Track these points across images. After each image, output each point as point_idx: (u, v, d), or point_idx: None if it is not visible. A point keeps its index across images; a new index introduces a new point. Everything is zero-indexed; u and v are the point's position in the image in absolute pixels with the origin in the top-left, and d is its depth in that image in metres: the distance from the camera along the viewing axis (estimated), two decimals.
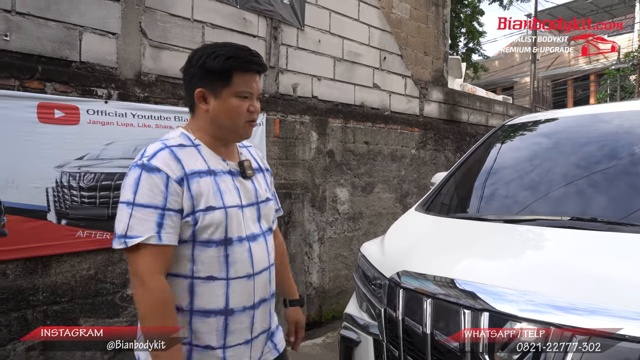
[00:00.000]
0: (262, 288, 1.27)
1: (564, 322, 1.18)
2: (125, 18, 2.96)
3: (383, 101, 4.96)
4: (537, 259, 1.57)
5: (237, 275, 1.20)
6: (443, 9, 5.89)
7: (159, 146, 1.18)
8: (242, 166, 1.28)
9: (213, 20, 3.43)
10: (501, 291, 1.34)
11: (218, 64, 1.18)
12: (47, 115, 2.54)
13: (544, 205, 1.90)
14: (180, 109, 3.12)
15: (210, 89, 1.21)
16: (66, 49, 2.71)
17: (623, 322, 1.12)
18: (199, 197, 1.16)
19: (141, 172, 1.13)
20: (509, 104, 7.56)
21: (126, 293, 2.88)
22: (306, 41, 4.12)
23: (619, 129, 2.23)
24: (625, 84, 16.67)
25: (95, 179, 2.74)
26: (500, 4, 17.56)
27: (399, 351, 1.54)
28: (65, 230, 2.62)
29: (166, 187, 1.12)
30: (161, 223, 1.11)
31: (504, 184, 2.20)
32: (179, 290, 1.17)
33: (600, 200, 1.80)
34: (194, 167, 1.18)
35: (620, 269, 1.35)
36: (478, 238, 1.79)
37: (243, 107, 1.22)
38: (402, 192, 5.00)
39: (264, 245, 1.29)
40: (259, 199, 1.30)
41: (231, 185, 1.23)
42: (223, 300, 1.18)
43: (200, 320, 1.18)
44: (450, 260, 1.63)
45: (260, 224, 1.30)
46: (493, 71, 22.29)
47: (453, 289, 1.44)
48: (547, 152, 2.27)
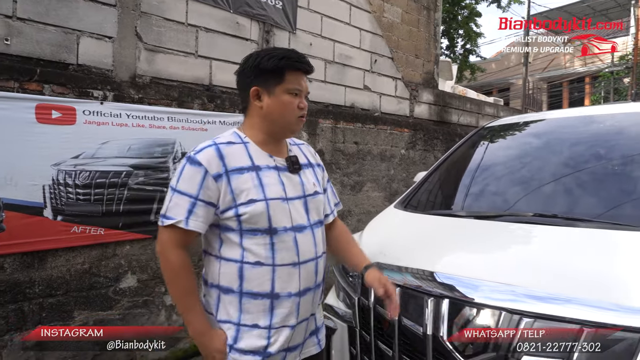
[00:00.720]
0: (308, 277, 1.35)
1: (523, 308, 1.28)
2: (122, 22, 3.07)
3: (373, 102, 5.08)
4: (500, 251, 1.69)
5: (282, 263, 1.30)
6: (434, 12, 6.02)
7: (208, 143, 1.32)
8: (290, 161, 1.39)
9: (207, 25, 3.55)
10: (464, 280, 1.46)
11: (272, 63, 1.31)
12: (45, 116, 2.66)
13: (511, 202, 2.03)
14: (173, 109, 3.24)
15: (264, 86, 1.33)
16: (64, 52, 2.82)
17: (560, 307, 1.24)
18: (240, 191, 1.27)
19: (186, 163, 1.28)
20: (499, 106, 7.69)
21: (119, 287, 2.99)
22: (298, 44, 4.24)
23: (589, 133, 2.35)
24: (619, 86, 16.83)
25: (91, 176, 2.85)
26: (498, 6, 17.72)
27: (370, 336, 1.65)
28: (60, 226, 2.73)
29: (202, 180, 1.25)
30: (191, 210, 1.25)
31: (477, 183, 2.32)
32: (230, 273, 1.31)
33: (562, 198, 1.93)
34: (237, 163, 1.29)
35: (573, 262, 1.47)
36: (448, 233, 1.91)
37: (294, 103, 1.34)
38: (391, 190, 5.12)
39: (310, 237, 1.36)
40: (306, 193, 1.39)
41: (275, 179, 1.33)
42: (269, 284, 1.30)
43: (249, 302, 1.30)
44: (421, 253, 1.75)
45: (309, 216, 1.38)
46: (490, 72, 22.45)
47: (424, 280, 1.56)
48: (519, 154, 2.39)
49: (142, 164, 3.06)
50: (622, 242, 1.49)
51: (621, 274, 1.34)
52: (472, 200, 2.19)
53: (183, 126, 3.27)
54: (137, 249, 3.07)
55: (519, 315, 1.28)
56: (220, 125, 3.49)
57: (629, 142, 2.18)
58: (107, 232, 2.90)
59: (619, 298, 1.22)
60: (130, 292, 3.04)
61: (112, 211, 2.92)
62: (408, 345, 1.52)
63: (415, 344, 1.49)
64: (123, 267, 3.00)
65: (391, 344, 1.57)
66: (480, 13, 16.66)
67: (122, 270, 3.00)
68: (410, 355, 1.51)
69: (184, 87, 3.40)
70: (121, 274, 2.99)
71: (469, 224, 1.91)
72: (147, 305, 3.13)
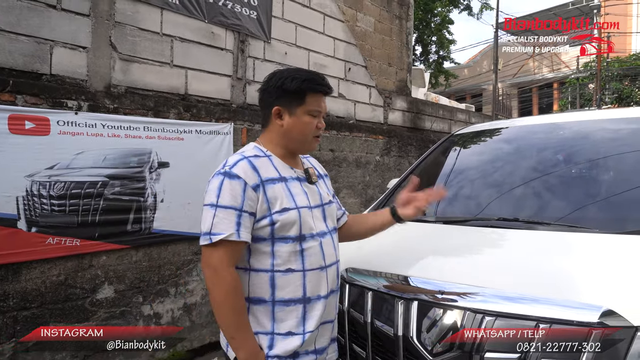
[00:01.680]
0: (332, 280, 1.45)
1: (485, 307, 1.37)
2: (96, 32, 3.08)
3: (348, 110, 5.18)
4: (467, 254, 1.78)
5: (311, 267, 1.38)
6: (406, 22, 6.18)
7: (238, 157, 1.38)
8: (308, 173, 1.49)
9: (182, 35, 3.58)
10: (436, 283, 1.53)
11: (295, 85, 1.38)
12: (17, 127, 2.64)
13: (478, 207, 2.13)
14: (149, 119, 3.25)
15: (286, 106, 1.41)
16: (37, 62, 2.81)
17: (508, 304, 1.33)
18: (274, 200, 1.34)
19: (224, 178, 1.32)
20: (471, 112, 7.92)
21: (96, 298, 2.98)
22: (273, 53, 4.30)
23: (550, 140, 2.49)
24: (584, 92, 17.50)
25: (66, 187, 2.84)
26: (469, 14, 18.20)
27: (344, 339, 1.72)
28: (35, 238, 2.71)
29: (244, 192, 1.30)
30: (239, 222, 1.29)
31: (447, 189, 2.42)
32: (261, 283, 1.35)
33: (524, 202, 2.04)
34: (268, 175, 1.37)
35: (531, 263, 1.57)
36: (420, 238, 2.00)
37: (313, 123, 1.43)
38: (366, 196, 5.22)
39: (331, 242, 1.47)
40: (324, 201, 1.50)
41: (300, 189, 1.42)
42: (301, 289, 1.36)
43: (282, 310, 1.35)
44: (393, 258, 1.83)
45: (327, 223, 1.48)
46: (462, 79, 22.99)
47: (397, 283, 1.63)
48: (486, 160, 2.51)
49: (118, 174, 3.06)
50: (575, 243, 1.61)
51: (573, 273, 1.45)
52: (441, 206, 2.29)
53: (159, 136, 3.29)
54: (114, 259, 3.07)
55: (482, 314, 1.36)
56: (197, 134, 3.52)
57: (586, 149, 2.33)
58: (83, 243, 2.88)
59: (571, 295, 1.32)
60: (107, 303, 3.03)
61: (88, 222, 2.91)
62: (380, 347, 1.59)
63: (387, 345, 1.55)
64: (100, 278, 2.99)
65: (365, 345, 1.64)
66: (453, 21, 17.08)
67: (98, 281, 2.99)
68: (382, 356, 1.58)
69: (160, 97, 3.42)
70: (98, 284, 2.98)
71: (439, 229, 2.01)
72: (124, 316, 3.12)
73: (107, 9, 3.13)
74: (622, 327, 1.21)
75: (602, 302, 1.26)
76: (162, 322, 3.35)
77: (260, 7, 4.15)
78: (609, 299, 1.27)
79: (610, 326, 1.21)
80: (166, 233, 3.32)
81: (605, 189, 1.98)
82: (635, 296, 1.31)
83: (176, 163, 3.36)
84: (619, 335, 1.20)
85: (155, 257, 3.31)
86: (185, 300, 3.51)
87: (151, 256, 3.28)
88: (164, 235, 3.31)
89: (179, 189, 3.37)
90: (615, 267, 1.46)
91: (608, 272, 1.43)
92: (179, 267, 3.46)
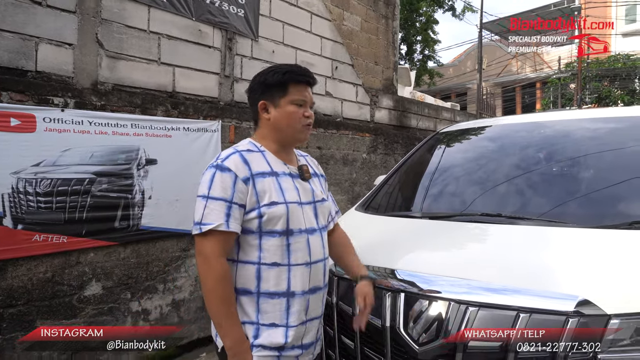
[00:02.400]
0: (317, 277, 1.48)
1: (469, 298, 1.42)
2: (82, 29, 3.06)
3: (335, 108, 5.23)
4: (452, 248, 1.84)
5: (297, 262, 1.42)
6: (392, 21, 6.25)
7: (230, 151, 1.43)
8: (301, 170, 1.53)
9: (169, 32, 3.57)
10: (422, 276, 1.59)
11: (276, 77, 1.45)
12: (3, 124, 2.62)
13: (462, 203, 2.20)
14: (136, 116, 3.25)
15: (270, 100, 1.47)
16: (22, 59, 2.79)
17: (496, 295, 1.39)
18: (263, 193, 1.38)
19: (215, 171, 1.37)
20: (456, 111, 8.04)
21: (83, 294, 2.97)
22: (260, 51, 4.32)
23: (531, 138, 2.57)
24: (565, 91, 17.85)
25: (52, 184, 2.83)
26: (453, 14, 18.41)
27: (334, 331, 1.76)
28: (21, 235, 2.69)
29: (234, 184, 1.35)
30: (229, 214, 1.34)
31: (432, 186, 2.48)
32: (247, 275, 1.39)
33: (506, 198, 2.11)
34: (259, 168, 1.41)
35: (511, 256, 1.64)
36: (406, 233, 2.05)
37: (299, 112, 1.47)
38: (353, 194, 5.28)
39: (319, 239, 1.50)
40: (316, 199, 1.53)
41: (291, 185, 1.46)
42: (285, 283, 1.40)
43: (266, 302, 1.39)
44: (381, 252, 1.87)
45: (318, 221, 1.51)
46: (448, 77, 23.23)
47: (385, 277, 1.68)
48: (470, 158, 2.59)
49: (106, 171, 3.06)
50: (555, 237, 1.68)
51: (553, 265, 1.51)
52: (427, 202, 2.35)
53: (147, 133, 3.28)
54: (101, 256, 3.06)
55: (465, 305, 1.42)
56: (185, 131, 3.52)
57: (566, 146, 2.41)
58: (70, 240, 2.87)
59: (549, 286, 1.39)
60: (95, 299, 3.02)
61: (75, 219, 2.90)
62: (369, 338, 1.64)
63: (375, 336, 1.60)
64: (87, 275, 2.99)
65: (353, 337, 1.69)
66: (438, 20, 17.26)
67: (86, 278, 2.98)
68: (371, 347, 1.63)
69: (147, 94, 3.41)
70: (85, 281, 2.98)
71: (425, 224, 2.07)
72: (112, 312, 3.12)
73: (93, 6, 3.11)
74: (597, 315, 1.27)
75: (578, 292, 1.33)
76: (150, 319, 3.35)
77: (248, 5, 4.17)
78: (585, 289, 1.34)
79: (586, 314, 1.28)
80: (154, 230, 3.33)
81: (583, 186, 2.06)
82: (609, 286, 1.38)
83: (164, 160, 3.36)
84: (594, 323, 1.27)
85: (144, 253, 3.31)
86: (174, 297, 3.51)
87: (139, 253, 3.28)
88: (152, 232, 3.31)
89: (167, 185, 3.37)
90: (591, 260, 1.53)
91: (585, 264, 1.51)
92: (167, 263, 3.47)
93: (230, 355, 1.35)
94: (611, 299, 1.31)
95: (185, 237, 3.55)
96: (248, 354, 1.36)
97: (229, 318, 1.35)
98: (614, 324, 1.26)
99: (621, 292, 1.35)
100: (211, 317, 1.38)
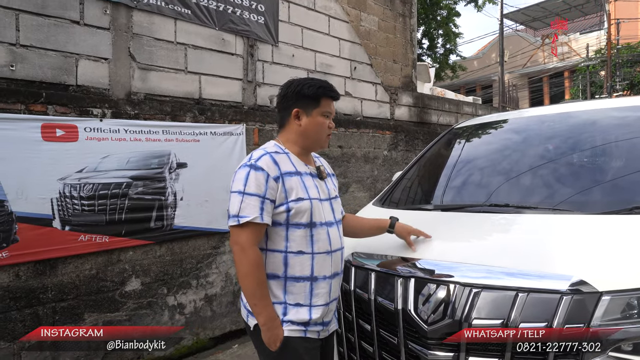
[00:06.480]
0: (337, 263, 1.68)
1: (474, 281, 1.55)
2: (116, 44, 3.31)
3: (355, 107, 5.37)
4: (466, 236, 1.96)
5: (319, 251, 1.61)
6: (410, 19, 6.33)
7: (262, 152, 1.62)
8: (319, 170, 1.74)
9: (194, 42, 3.80)
10: (443, 264, 1.72)
11: (312, 90, 1.66)
12: (49, 134, 2.89)
13: (472, 195, 2.31)
14: (167, 123, 3.49)
15: (303, 109, 1.67)
16: (64, 74, 3.06)
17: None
18: (291, 190, 1.58)
19: (250, 170, 1.55)
20: (477, 105, 8.03)
21: (124, 290, 3.22)
22: (281, 56, 4.51)
23: (544, 131, 2.65)
24: (595, 79, 17.37)
25: (94, 188, 3.09)
26: (475, 5, 18.17)
27: (352, 315, 1.92)
28: (68, 236, 2.97)
29: (266, 182, 1.54)
30: (262, 208, 1.53)
31: (445, 180, 2.60)
32: (276, 262, 1.59)
33: (515, 189, 2.22)
34: (287, 169, 1.61)
35: (515, 241, 1.75)
36: (421, 224, 2.18)
37: (325, 123, 1.69)
38: (375, 190, 5.40)
39: (337, 231, 1.70)
40: (331, 196, 1.75)
41: (312, 183, 1.66)
42: (309, 269, 1.60)
43: (292, 285, 1.59)
44: (390, 242, 2.01)
45: (334, 215, 1.72)
46: (472, 70, 22.91)
47: (392, 263, 1.83)
48: (481, 152, 2.69)
49: (141, 175, 3.31)
50: (556, 224, 1.78)
51: (552, 249, 1.62)
52: (440, 195, 2.47)
53: (177, 138, 3.52)
54: (139, 254, 3.31)
55: (470, 287, 1.55)
56: (212, 135, 3.74)
57: (577, 139, 2.48)
58: (112, 240, 3.13)
59: (547, 268, 1.50)
60: (135, 294, 3.28)
61: (115, 220, 3.16)
62: (383, 320, 1.78)
63: (388, 318, 1.75)
64: (127, 272, 3.24)
65: (370, 320, 1.84)
66: (459, 13, 17.06)
67: (126, 275, 3.24)
68: (385, 328, 1.78)
69: (176, 102, 3.65)
70: (126, 278, 3.23)
71: (436, 216, 2.20)
72: (151, 307, 3.37)
73: (125, 22, 3.37)
74: (589, 292, 1.39)
75: (573, 272, 1.44)
76: (185, 312, 3.59)
77: (268, 12, 4.36)
78: (580, 269, 1.45)
79: (579, 292, 1.39)
80: (186, 229, 3.56)
81: (585, 176, 2.14)
82: (602, 267, 1.49)
83: (193, 163, 3.59)
84: (586, 300, 1.38)
85: (177, 251, 3.55)
86: (206, 292, 3.74)
87: (173, 251, 3.52)
88: (184, 231, 3.55)
89: (197, 187, 3.60)
90: (588, 243, 1.63)
91: (582, 247, 1.61)
92: (199, 260, 3.70)
93: (264, 330, 1.55)
94: (604, 278, 1.42)
95: (215, 236, 3.78)
96: (279, 328, 1.56)
97: (263, 299, 1.55)
98: (605, 300, 1.37)
99: (613, 272, 1.46)
100: (247, 299, 1.58)
